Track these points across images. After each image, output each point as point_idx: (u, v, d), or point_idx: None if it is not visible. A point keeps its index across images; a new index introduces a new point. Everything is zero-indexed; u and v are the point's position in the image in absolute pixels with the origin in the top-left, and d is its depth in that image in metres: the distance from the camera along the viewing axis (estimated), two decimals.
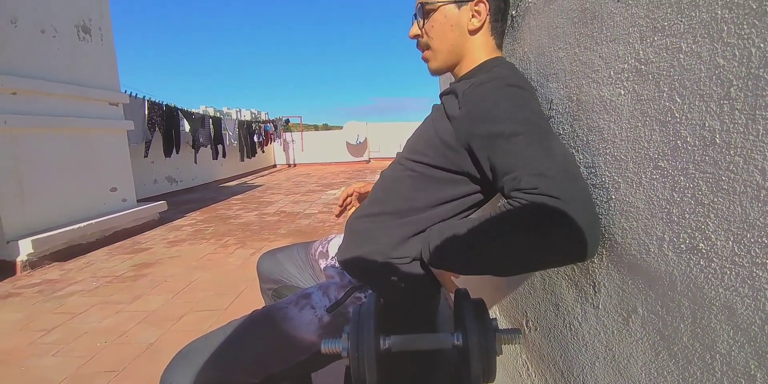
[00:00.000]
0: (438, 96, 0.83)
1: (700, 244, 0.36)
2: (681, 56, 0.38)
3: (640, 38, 0.43)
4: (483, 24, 0.74)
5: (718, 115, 0.34)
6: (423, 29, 0.78)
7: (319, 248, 1.00)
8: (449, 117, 0.68)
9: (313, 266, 1.01)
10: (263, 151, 10.46)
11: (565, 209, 0.46)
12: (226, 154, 7.94)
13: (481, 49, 0.76)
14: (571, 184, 0.49)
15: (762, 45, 0.30)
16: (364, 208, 0.81)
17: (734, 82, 0.33)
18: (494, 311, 1.04)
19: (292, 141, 11.82)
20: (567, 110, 0.61)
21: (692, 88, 0.37)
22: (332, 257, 0.93)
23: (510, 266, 0.57)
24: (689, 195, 0.37)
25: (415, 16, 0.79)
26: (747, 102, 0.32)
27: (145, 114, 5.30)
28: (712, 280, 0.35)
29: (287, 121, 11.98)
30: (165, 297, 2.19)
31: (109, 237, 3.44)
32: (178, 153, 6.10)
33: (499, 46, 0.79)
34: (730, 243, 0.33)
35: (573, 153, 0.60)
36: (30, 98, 3.04)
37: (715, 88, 0.34)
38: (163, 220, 4.23)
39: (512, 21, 0.84)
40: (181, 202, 5.62)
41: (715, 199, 0.35)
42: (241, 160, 8.93)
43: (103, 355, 1.61)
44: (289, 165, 11.95)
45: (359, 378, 0.56)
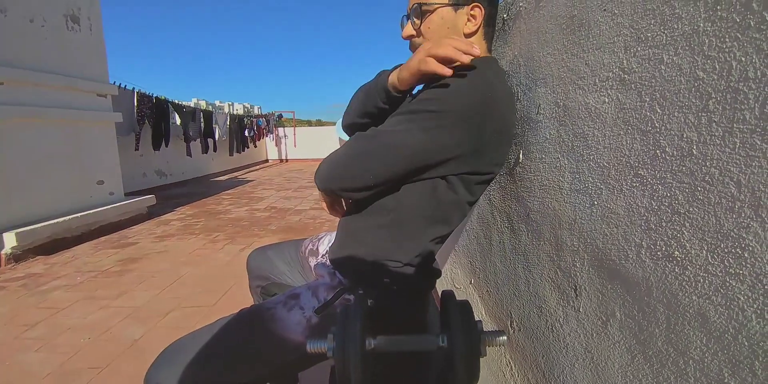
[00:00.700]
0: None
1: (676, 252, 0.37)
2: (662, 67, 0.38)
3: (625, 48, 0.44)
4: (478, 29, 0.74)
5: (696, 127, 0.35)
6: (419, 30, 0.77)
7: (309, 246, 0.99)
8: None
9: (303, 264, 1.00)
10: (255, 146, 10.37)
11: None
12: (216, 148, 7.86)
13: None
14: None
15: (743, 59, 0.31)
16: (356, 207, 0.81)
17: (713, 95, 0.33)
18: (480, 312, 1.05)
19: (285, 136, 11.73)
20: (554, 115, 0.62)
21: (672, 99, 0.37)
22: (322, 255, 0.93)
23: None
24: (666, 204, 0.38)
25: (409, 16, 0.79)
26: (725, 115, 0.32)
27: (134, 106, 5.22)
28: (686, 287, 0.36)
29: (280, 116, 11.89)
30: (151, 293, 2.17)
31: (95, 231, 3.39)
32: (167, 146, 6.02)
33: (489, 51, 0.79)
34: (704, 252, 0.34)
35: (557, 158, 0.60)
36: (17, 89, 2.96)
37: (693, 100, 0.35)
38: (151, 214, 4.18)
39: (503, 24, 0.84)
40: (171, 196, 5.56)
41: (691, 209, 0.35)
42: (230, 154, 8.84)
43: (86, 351, 1.59)
44: (281, 160, 11.87)
45: (344, 378, 0.56)
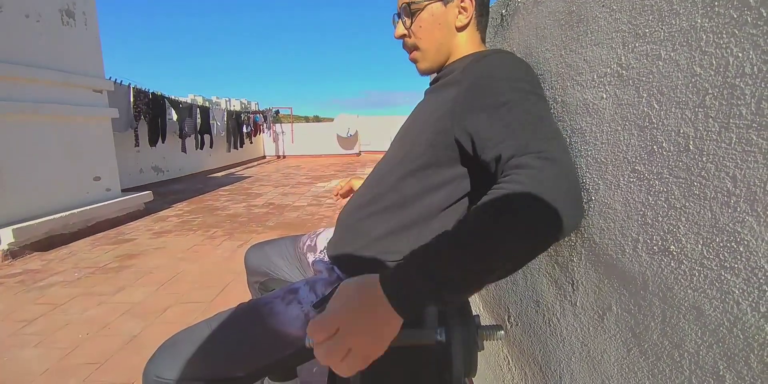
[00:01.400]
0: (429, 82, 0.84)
1: (672, 247, 0.38)
2: (660, 63, 0.39)
3: (623, 43, 0.44)
4: (470, 19, 0.74)
5: (692, 123, 0.35)
6: (410, 29, 0.77)
7: (308, 242, 1.00)
8: (448, 91, 0.67)
9: (301, 260, 1.01)
10: (251, 142, 10.34)
11: (562, 171, 0.45)
12: (213, 145, 7.83)
13: (468, 45, 0.76)
14: (563, 147, 0.48)
15: (740, 54, 0.31)
16: (355, 199, 0.81)
17: (710, 91, 0.34)
18: (477, 307, 1.06)
19: (282, 132, 11.70)
20: (552, 111, 0.62)
21: (669, 95, 0.38)
22: (321, 251, 0.93)
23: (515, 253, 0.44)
24: (663, 199, 0.39)
25: (400, 15, 0.78)
26: (721, 110, 0.33)
27: (131, 101, 5.18)
28: (682, 281, 0.37)
29: (277, 112, 11.84)
30: (149, 289, 2.17)
31: (92, 227, 3.38)
32: (164, 142, 5.99)
33: (483, 40, 0.79)
34: (700, 246, 0.35)
35: None
36: (12, 84, 2.94)
37: (691, 96, 0.35)
38: (148, 210, 4.17)
39: (502, 20, 0.84)
40: (168, 192, 5.54)
41: (687, 204, 0.36)
42: (228, 150, 8.82)
43: (85, 347, 1.59)
44: (279, 156, 11.84)
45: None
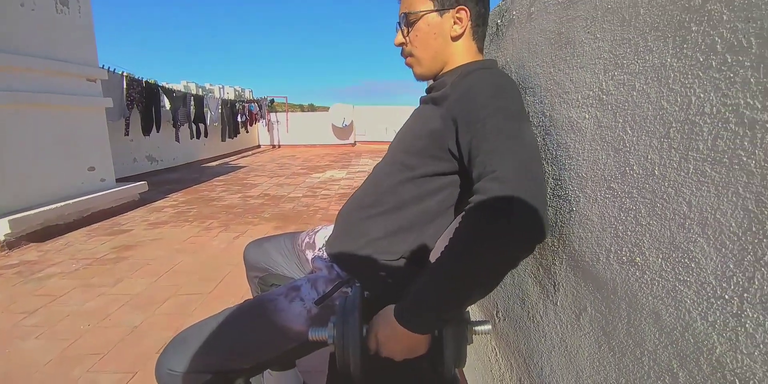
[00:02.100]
0: (425, 88, 0.88)
1: (637, 258, 0.43)
2: (634, 93, 0.43)
3: (604, 70, 0.48)
4: (465, 30, 0.78)
5: (658, 151, 0.39)
6: (407, 38, 0.80)
7: (306, 239, 1.04)
8: (437, 105, 0.73)
9: (299, 256, 1.05)
10: (247, 132, 10.28)
11: (527, 193, 0.51)
12: (207, 134, 7.78)
13: (464, 54, 0.80)
14: (526, 169, 0.54)
15: (702, 95, 0.35)
16: (355, 200, 0.85)
17: (674, 124, 0.38)
18: None
19: (277, 122, 11.63)
20: (541, 124, 0.66)
21: (641, 123, 0.42)
22: (319, 248, 0.97)
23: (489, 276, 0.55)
24: (632, 215, 0.43)
25: (399, 24, 0.82)
26: (682, 143, 0.37)
27: (124, 90, 5.12)
28: (644, 289, 0.42)
29: (272, 101, 11.74)
30: (148, 280, 2.21)
31: (88, 218, 3.39)
32: (158, 131, 5.95)
33: (481, 50, 0.83)
34: (659, 260, 0.40)
35: (543, 165, 0.65)
36: (6, 74, 2.91)
37: (658, 127, 0.40)
38: (143, 200, 4.18)
39: (497, 29, 0.87)
40: (162, 181, 5.53)
41: (651, 222, 0.41)
42: (222, 140, 8.76)
43: (87, 338, 1.64)
44: (274, 146, 11.79)
45: (344, 364, 0.62)
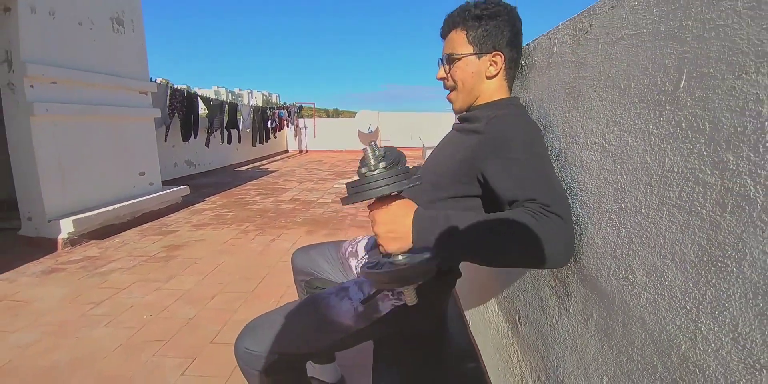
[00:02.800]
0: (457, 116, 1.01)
1: (629, 276, 0.55)
2: (627, 147, 0.55)
3: (606, 124, 0.61)
4: (499, 71, 0.91)
5: (644, 194, 0.52)
6: (449, 74, 0.94)
7: (349, 248, 1.19)
8: (470, 136, 0.85)
9: (343, 263, 1.20)
10: (275, 137, 10.66)
11: (566, 228, 0.63)
12: (240, 139, 8.15)
13: (495, 90, 0.93)
14: (569, 209, 0.66)
15: (672, 157, 0.48)
16: None
17: (654, 176, 0.50)
18: (494, 308, 1.23)
19: (305, 127, 11.98)
20: (558, 158, 0.78)
21: (632, 171, 0.54)
22: (362, 256, 1.12)
23: (505, 258, 0.65)
24: (626, 242, 0.55)
25: (442, 61, 0.96)
26: (659, 191, 0.49)
27: (167, 100, 5.50)
28: (635, 300, 0.54)
29: (300, 107, 12.11)
30: (196, 278, 2.43)
31: (139, 218, 3.69)
32: (195, 138, 6.32)
33: (510, 88, 0.96)
34: (645, 278, 0.52)
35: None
36: (69, 87, 3.24)
37: (643, 176, 0.52)
38: (185, 203, 4.48)
39: (522, 68, 1.00)
40: (200, 185, 5.87)
41: (639, 248, 0.53)
42: (253, 145, 9.15)
43: (150, 327, 1.85)
44: (301, 151, 12.14)
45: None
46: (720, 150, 0.41)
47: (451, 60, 0.93)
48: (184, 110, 5.95)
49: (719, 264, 0.41)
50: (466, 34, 0.89)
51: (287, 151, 12.12)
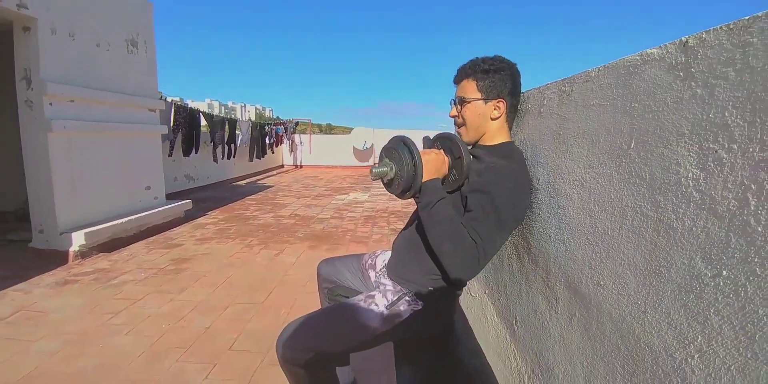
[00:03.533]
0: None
1: (601, 282, 0.73)
2: (598, 186, 0.75)
3: (584, 167, 0.80)
4: (501, 115, 1.11)
5: (609, 221, 0.71)
6: (459, 113, 1.15)
7: (369, 260, 1.36)
8: (471, 172, 1.07)
9: (363, 273, 1.37)
10: (272, 152, 10.84)
11: (476, 258, 0.91)
12: (235, 154, 8.31)
13: (498, 130, 1.13)
14: (485, 258, 0.94)
15: (624, 199, 0.67)
16: (408, 237, 1.17)
17: (616, 209, 0.69)
18: (492, 314, 1.40)
19: (300, 143, 12.20)
20: (547, 188, 0.98)
21: (601, 205, 0.74)
22: (380, 269, 1.29)
23: (435, 234, 0.97)
24: (599, 256, 0.74)
25: (454, 101, 1.16)
26: (618, 220, 0.68)
27: (171, 116, 5.67)
28: (605, 300, 0.72)
29: (297, 123, 12.36)
30: (207, 290, 2.55)
31: (144, 232, 3.80)
32: (197, 153, 6.46)
33: (510, 128, 1.16)
34: (611, 283, 0.70)
35: (548, 217, 0.96)
36: (84, 105, 3.40)
37: (608, 208, 0.71)
38: (187, 217, 4.59)
39: (517, 111, 1.21)
40: (199, 199, 5.97)
41: (607, 261, 0.72)
42: (250, 160, 9.31)
43: (169, 335, 1.97)
44: (296, 166, 12.32)
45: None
46: (656, 194, 0.60)
47: (462, 102, 1.13)
48: (186, 126, 6.12)
49: (657, 271, 0.60)
50: (476, 83, 1.10)
51: (282, 165, 12.28)
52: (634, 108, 0.66)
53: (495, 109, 1.11)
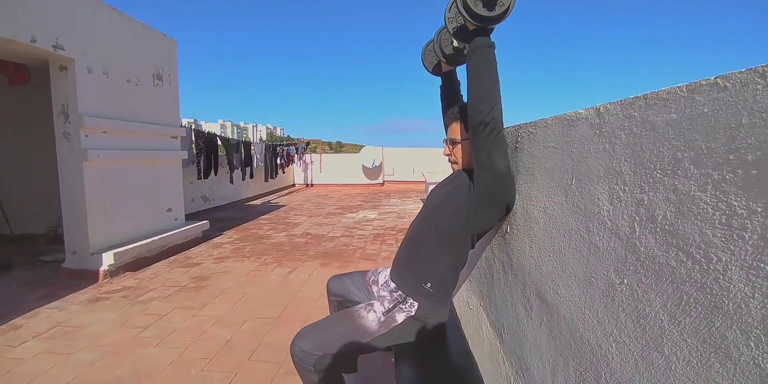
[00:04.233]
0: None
1: (558, 291, 0.90)
2: (555, 212, 0.93)
3: (546, 196, 0.99)
4: None
5: (562, 242, 0.89)
6: (452, 152, 1.35)
7: (372, 277, 1.54)
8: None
9: (367, 288, 1.55)
10: (284, 172, 11.18)
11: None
12: (253, 175, 8.64)
13: None
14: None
15: (571, 222, 0.85)
16: (407, 249, 1.35)
17: (565, 232, 0.87)
18: (486, 324, 1.56)
19: (311, 162, 12.55)
20: (522, 213, 1.16)
21: (558, 228, 0.91)
22: (382, 284, 1.47)
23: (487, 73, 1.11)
24: (557, 270, 0.92)
25: (446, 142, 1.37)
26: (567, 241, 0.86)
27: (192, 141, 6.01)
28: (562, 306, 0.89)
29: (307, 143, 12.75)
30: (227, 306, 2.74)
31: (166, 251, 4.03)
32: (216, 175, 6.78)
33: None
34: (565, 292, 0.87)
35: (523, 237, 1.14)
36: (116, 136, 3.71)
37: (563, 232, 0.89)
38: (205, 237, 4.82)
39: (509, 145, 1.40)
40: (215, 219, 6.22)
41: (561, 274, 0.89)
42: (265, 180, 9.63)
43: (195, 347, 2.15)
44: (307, 185, 12.62)
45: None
46: (587, 221, 0.78)
47: (453, 143, 1.34)
48: (205, 150, 6.46)
49: (590, 281, 0.77)
50: (462, 126, 1.30)
51: (294, 185, 12.60)
52: (573, 152, 0.85)
53: None
